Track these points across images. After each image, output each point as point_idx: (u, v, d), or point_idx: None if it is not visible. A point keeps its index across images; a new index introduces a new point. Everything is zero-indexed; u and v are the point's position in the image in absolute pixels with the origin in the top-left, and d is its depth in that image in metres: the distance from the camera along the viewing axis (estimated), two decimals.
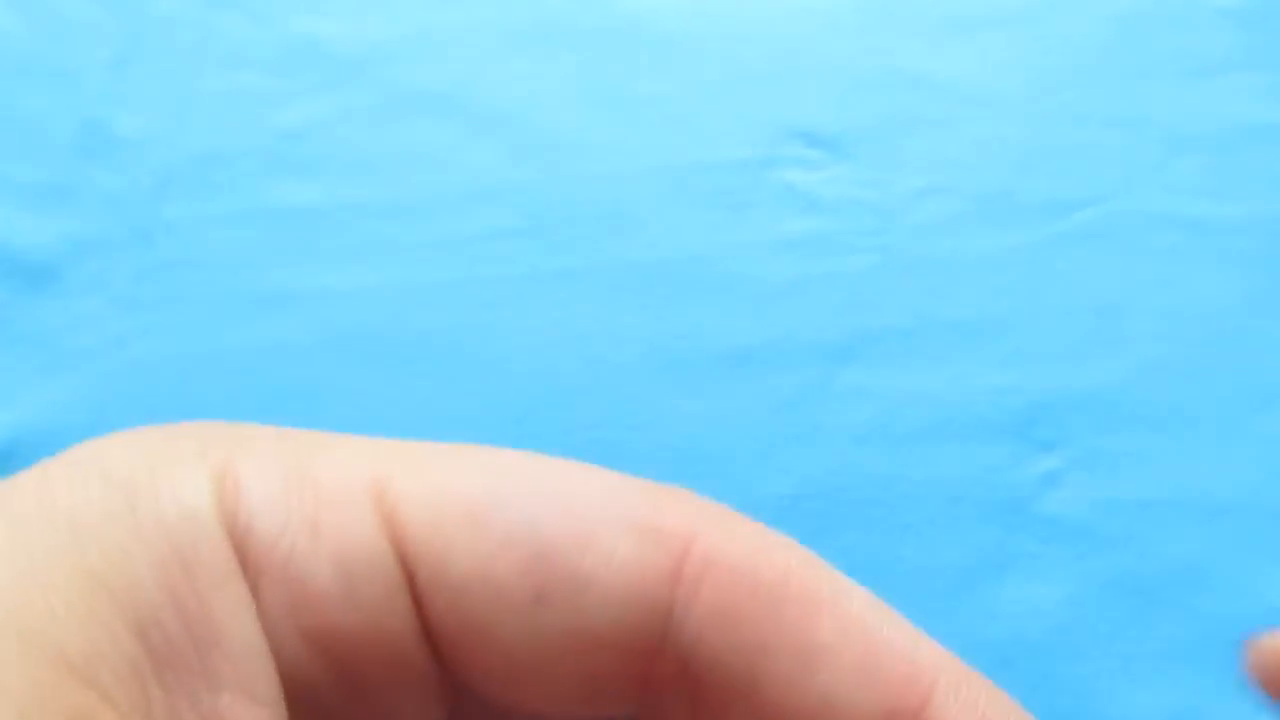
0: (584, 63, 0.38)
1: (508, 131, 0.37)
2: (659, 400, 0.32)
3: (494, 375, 0.32)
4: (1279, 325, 0.33)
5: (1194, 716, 0.28)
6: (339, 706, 0.09)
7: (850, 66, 0.38)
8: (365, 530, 0.09)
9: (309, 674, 0.09)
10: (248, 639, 0.09)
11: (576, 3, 0.39)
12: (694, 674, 0.09)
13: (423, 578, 0.09)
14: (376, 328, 0.33)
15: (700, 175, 0.36)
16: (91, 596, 0.08)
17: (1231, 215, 0.35)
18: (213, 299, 0.33)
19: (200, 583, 0.09)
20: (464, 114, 0.37)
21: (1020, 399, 0.32)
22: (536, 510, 0.09)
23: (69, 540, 0.08)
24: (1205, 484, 0.30)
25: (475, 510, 0.09)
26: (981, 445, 0.31)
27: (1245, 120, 0.36)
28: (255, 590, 0.09)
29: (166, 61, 0.38)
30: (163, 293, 0.34)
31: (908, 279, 0.34)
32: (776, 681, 0.09)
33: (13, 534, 0.08)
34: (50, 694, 0.08)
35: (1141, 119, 0.37)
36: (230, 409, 0.32)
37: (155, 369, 0.32)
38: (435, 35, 0.39)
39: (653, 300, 0.33)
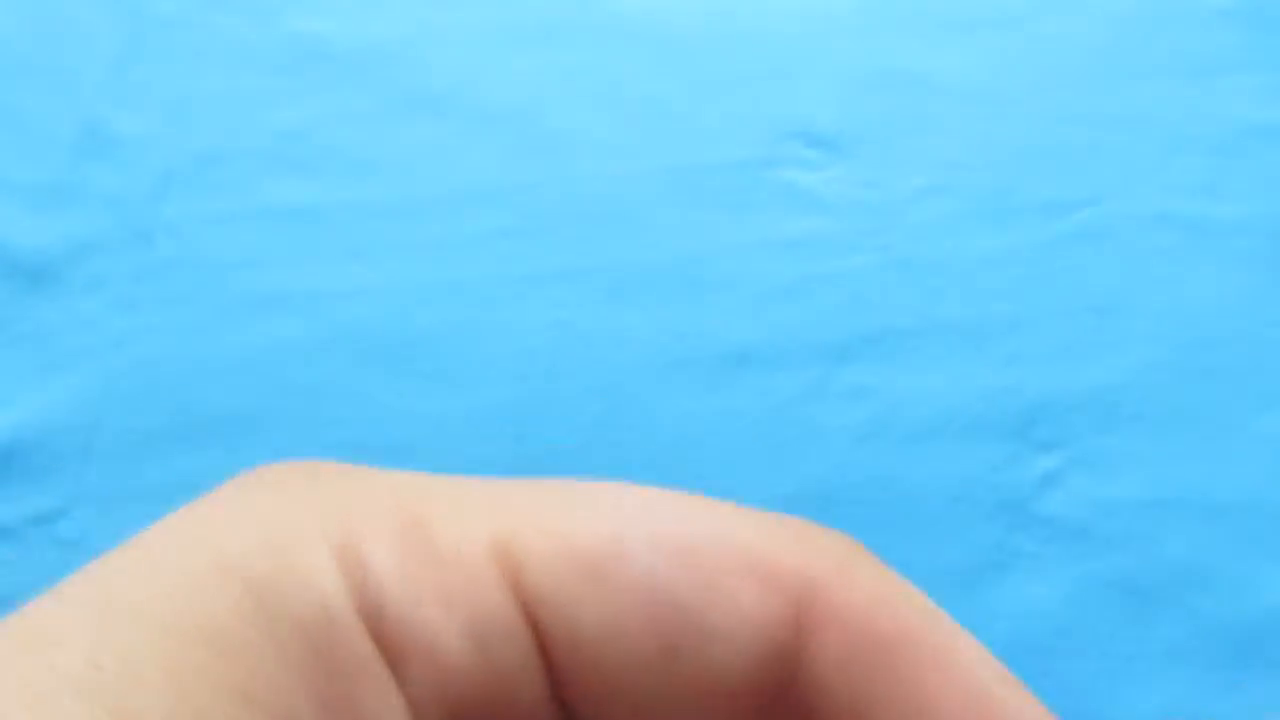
0: (584, 63, 0.38)
1: (508, 131, 0.37)
2: (659, 400, 0.32)
3: (494, 375, 0.32)
4: (1279, 325, 0.33)
5: (1193, 714, 0.28)
6: None
7: (850, 66, 0.38)
8: (494, 596, 0.09)
9: None
10: None
11: (576, 3, 0.39)
12: (811, 716, 0.09)
13: (552, 638, 0.09)
14: (376, 328, 0.33)
15: (700, 175, 0.36)
16: (240, 715, 0.08)
17: (1231, 215, 0.35)
18: (213, 299, 0.33)
19: (343, 681, 0.09)
20: (464, 114, 0.37)
21: (1020, 399, 0.32)
22: (659, 560, 0.09)
23: (206, 651, 0.08)
24: (1205, 484, 0.30)
25: (598, 565, 0.09)
26: (981, 445, 0.31)
27: (1245, 120, 0.36)
28: (397, 670, 0.09)
29: (166, 61, 0.38)
30: (163, 293, 0.34)
31: (908, 279, 0.34)
32: None
33: (157, 664, 0.08)
34: None
35: (1141, 119, 0.37)
36: (230, 409, 0.32)
37: (155, 369, 0.32)
38: (435, 35, 0.39)
39: (653, 300, 0.33)
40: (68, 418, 0.32)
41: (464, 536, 0.09)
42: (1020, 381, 0.32)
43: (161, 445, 0.31)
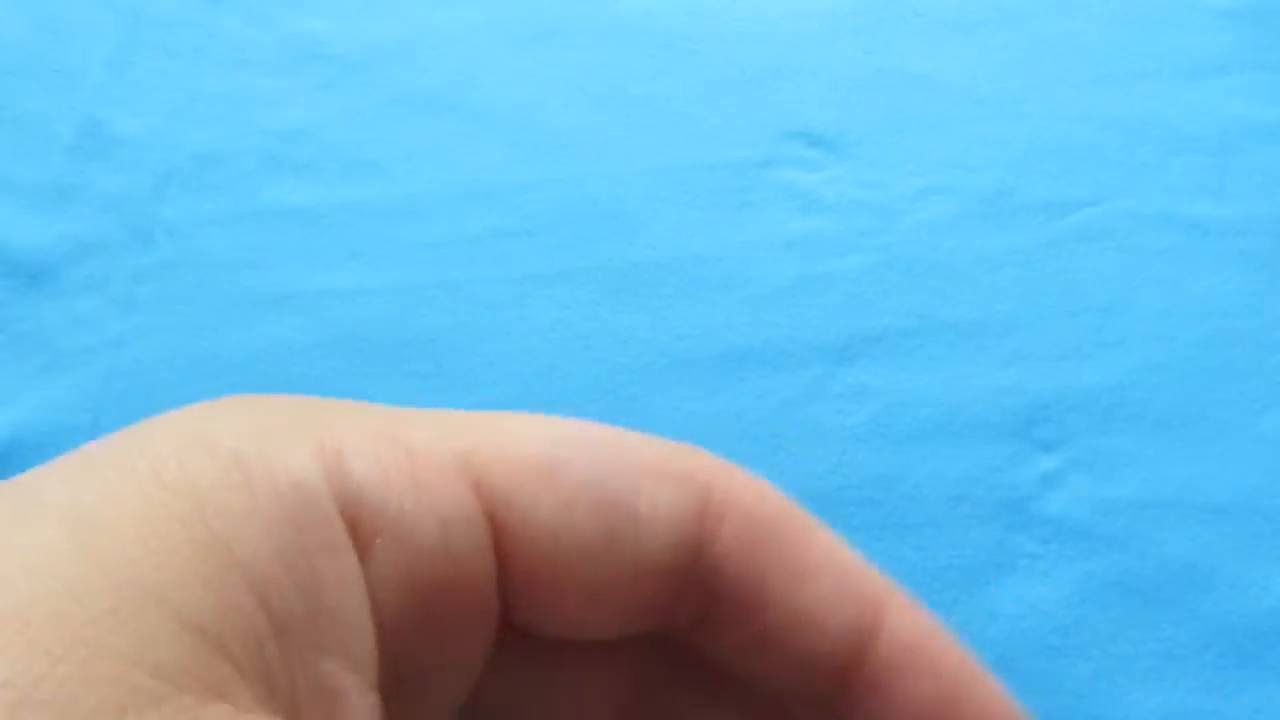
0: (584, 63, 0.38)
1: (508, 131, 0.37)
2: (659, 400, 0.32)
3: (494, 375, 0.32)
4: (1279, 325, 0.33)
5: (1194, 716, 0.28)
6: (420, 649, 0.10)
7: (850, 66, 0.38)
8: (460, 493, 0.10)
9: (404, 623, 0.10)
10: (352, 607, 0.10)
11: (576, 3, 0.39)
12: (712, 591, 0.11)
13: (510, 530, 0.11)
14: (376, 328, 0.33)
15: (700, 175, 0.36)
16: (219, 565, 0.09)
17: (1231, 215, 0.35)
18: (212, 299, 0.33)
19: (312, 551, 0.09)
20: (464, 114, 0.37)
21: (1020, 399, 0.32)
22: (598, 468, 0.11)
23: (192, 510, 0.09)
24: (1205, 484, 0.30)
25: (550, 471, 0.11)
26: (981, 445, 0.31)
27: (1245, 120, 0.36)
28: (369, 549, 0.10)
29: (166, 61, 0.38)
30: (162, 293, 0.34)
31: (908, 279, 0.34)
32: (775, 597, 0.11)
33: (137, 505, 0.09)
34: (192, 663, 0.08)
35: (1141, 119, 0.37)
36: None
37: (154, 369, 0.32)
38: (435, 35, 0.39)
39: (653, 300, 0.33)
40: (68, 418, 0.32)
41: (433, 444, 0.11)
42: (1020, 381, 0.32)
43: None
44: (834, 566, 0.12)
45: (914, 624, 0.12)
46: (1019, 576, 0.29)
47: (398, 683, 0.10)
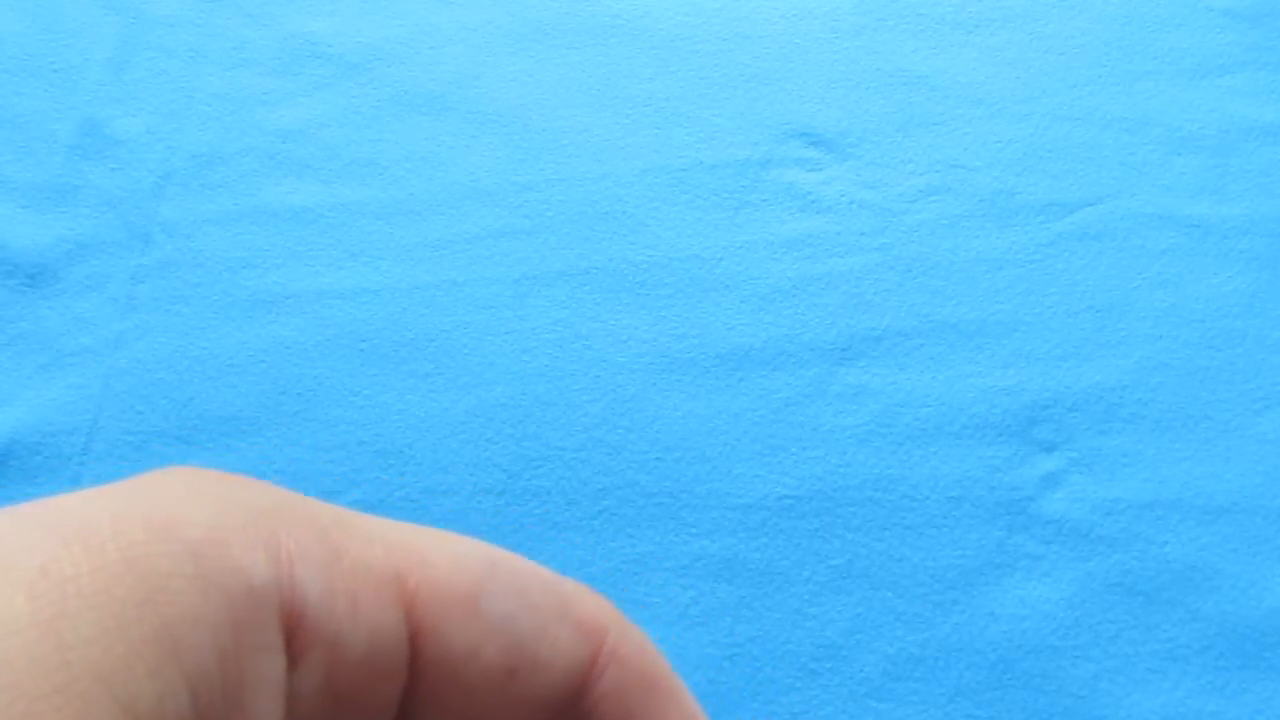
0: (584, 63, 0.38)
1: (508, 131, 0.36)
2: (659, 400, 0.32)
3: (494, 375, 0.32)
4: (1279, 325, 0.33)
5: (1195, 717, 0.28)
6: None
7: (850, 66, 0.38)
8: (391, 615, 0.12)
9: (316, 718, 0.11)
10: (267, 706, 0.11)
11: (576, 3, 0.39)
12: None
13: (428, 654, 0.12)
14: (376, 328, 0.33)
15: (700, 175, 0.36)
16: (162, 656, 0.10)
17: (1231, 215, 0.35)
18: (211, 299, 0.33)
19: (245, 652, 0.10)
20: (464, 114, 0.37)
21: (1020, 399, 0.32)
22: (513, 606, 0.12)
23: (148, 598, 0.10)
24: (1205, 484, 0.30)
25: (473, 606, 0.12)
26: (981, 445, 0.31)
27: (1245, 120, 0.36)
28: (302, 656, 0.11)
29: (166, 61, 0.38)
30: (161, 293, 0.34)
31: (908, 279, 0.34)
32: None
33: (100, 586, 0.10)
34: None
35: (1141, 119, 0.37)
36: (230, 409, 0.32)
37: (154, 369, 0.32)
38: (435, 35, 0.38)
39: (653, 300, 0.33)
40: (68, 418, 0.32)
41: (370, 562, 0.12)
42: (1020, 381, 0.32)
43: (160, 445, 0.31)
44: None
45: None
46: (1019, 577, 0.29)
47: None
